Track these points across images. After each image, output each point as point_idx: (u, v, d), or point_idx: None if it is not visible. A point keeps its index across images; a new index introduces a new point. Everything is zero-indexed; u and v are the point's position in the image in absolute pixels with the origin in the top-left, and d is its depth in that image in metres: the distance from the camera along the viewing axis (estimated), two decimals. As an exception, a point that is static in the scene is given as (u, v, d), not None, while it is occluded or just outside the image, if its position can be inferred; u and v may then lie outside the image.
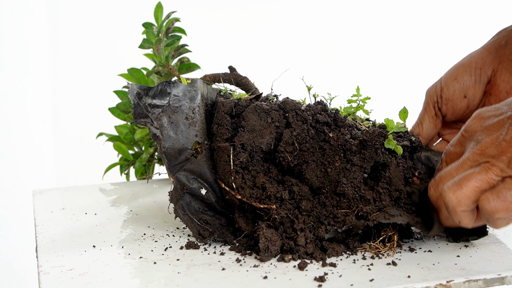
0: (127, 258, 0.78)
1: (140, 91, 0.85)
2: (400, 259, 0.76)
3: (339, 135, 0.82)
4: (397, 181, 0.82)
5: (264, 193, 0.81)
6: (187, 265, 0.76)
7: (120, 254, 0.80)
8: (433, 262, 0.75)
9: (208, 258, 0.78)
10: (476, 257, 0.76)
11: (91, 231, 0.90)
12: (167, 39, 1.21)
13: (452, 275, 0.70)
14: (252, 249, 0.80)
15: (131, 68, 1.25)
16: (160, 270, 0.74)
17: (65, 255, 0.80)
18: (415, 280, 0.69)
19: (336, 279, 0.70)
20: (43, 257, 0.79)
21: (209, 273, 0.73)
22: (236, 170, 0.83)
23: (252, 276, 0.72)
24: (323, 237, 0.78)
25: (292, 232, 0.79)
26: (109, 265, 0.76)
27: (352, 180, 0.81)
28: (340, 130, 0.82)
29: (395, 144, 0.82)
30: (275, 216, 0.79)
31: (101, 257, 0.79)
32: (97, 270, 0.74)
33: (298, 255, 0.77)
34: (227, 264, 0.76)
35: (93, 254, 0.80)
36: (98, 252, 0.81)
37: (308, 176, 0.82)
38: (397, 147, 0.83)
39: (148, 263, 0.76)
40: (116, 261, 0.77)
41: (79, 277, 0.72)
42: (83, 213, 0.99)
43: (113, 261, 0.77)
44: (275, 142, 0.84)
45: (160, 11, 1.25)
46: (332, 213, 0.80)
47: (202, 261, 0.77)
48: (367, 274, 0.72)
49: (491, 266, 0.74)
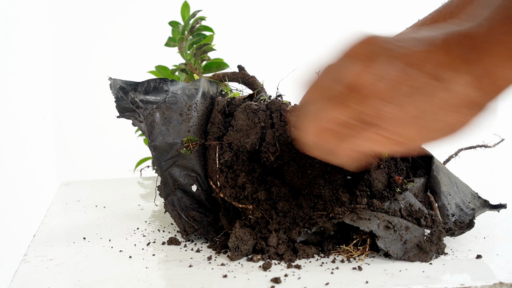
0: (108, 251, 0.82)
1: (125, 86, 0.88)
2: (370, 264, 0.75)
3: None
4: (377, 184, 0.81)
5: (243, 193, 0.82)
6: (158, 260, 0.78)
7: (103, 247, 0.83)
8: (401, 268, 0.73)
9: (183, 255, 0.80)
10: (449, 266, 0.74)
11: (90, 224, 0.94)
12: (193, 37, 1.23)
13: (413, 282, 0.69)
14: (228, 248, 0.81)
15: (158, 65, 1.29)
16: (131, 264, 0.77)
17: (54, 245, 0.84)
18: (371, 286, 0.68)
19: (292, 281, 0.70)
20: (32, 247, 0.84)
21: (175, 269, 0.75)
22: (221, 168, 0.84)
23: (214, 274, 0.73)
24: (295, 239, 0.78)
25: (266, 232, 0.80)
26: (88, 257, 0.80)
27: (331, 183, 0.80)
28: None
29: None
30: (250, 216, 0.80)
31: (84, 249, 0.83)
32: (74, 261, 0.78)
33: (268, 255, 0.77)
34: (197, 262, 0.77)
35: (79, 246, 0.84)
36: (86, 244, 0.85)
37: (289, 177, 0.82)
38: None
39: (124, 257, 0.79)
40: (96, 253, 0.81)
41: (54, 267, 0.76)
42: (93, 206, 1.04)
43: (93, 253, 0.81)
44: (260, 142, 0.84)
45: (187, 10, 1.28)
46: (308, 215, 0.80)
47: (175, 257, 0.79)
48: (327, 277, 0.71)
49: (459, 275, 0.71)
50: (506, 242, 0.82)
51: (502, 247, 0.80)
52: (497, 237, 0.85)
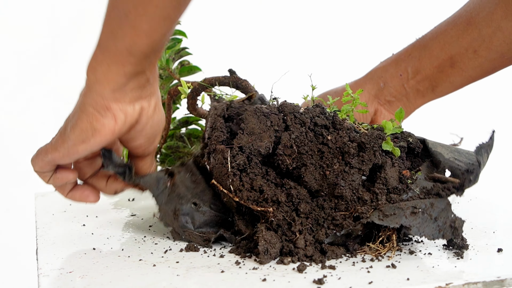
0: (127, 261, 0.79)
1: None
2: (400, 261, 0.76)
3: (337, 138, 0.82)
4: (392, 181, 0.82)
5: (261, 196, 0.81)
6: (186, 267, 0.76)
7: (120, 257, 0.80)
8: (433, 264, 0.75)
9: (208, 261, 0.78)
10: (476, 260, 0.76)
11: (91, 234, 0.90)
12: (167, 42, 1.21)
13: (451, 277, 0.70)
14: (252, 252, 0.80)
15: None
16: (159, 272, 0.74)
17: (65, 257, 0.80)
18: (414, 283, 0.69)
19: (335, 282, 0.70)
20: (42, 260, 0.79)
21: (208, 275, 0.73)
22: (234, 172, 0.83)
23: (251, 278, 0.72)
24: (322, 240, 0.78)
25: (291, 234, 0.79)
26: (109, 268, 0.76)
27: (350, 183, 0.81)
28: (338, 133, 0.82)
29: (392, 145, 0.82)
30: (272, 218, 0.80)
31: (101, 260, 0.79)
32: (97, 273, 0.74)
33: (298, 257, 0.77)
34: (227, 267, 0.76)
35: (93, 257, 0.80)
36: (98, 254, 0.81)
37: (307, 179, 0.82)
38: (395, 148, 0.83)
39: (148, 266, 0.76)
40: (116, 264, 0.78)
41: (79, 280, 0.72)
42: (84, 215, 0.99)
43: (112, 263, 0.78)
44: (274, 146, 0.84)
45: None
46: (331, 216, 0.80)
47: (201, 263, 0.77)
48: (366, 276, 0.72)
49: (491, 269, 0.73)
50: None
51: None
52: (506, 231, 0.88)
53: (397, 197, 0.80)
